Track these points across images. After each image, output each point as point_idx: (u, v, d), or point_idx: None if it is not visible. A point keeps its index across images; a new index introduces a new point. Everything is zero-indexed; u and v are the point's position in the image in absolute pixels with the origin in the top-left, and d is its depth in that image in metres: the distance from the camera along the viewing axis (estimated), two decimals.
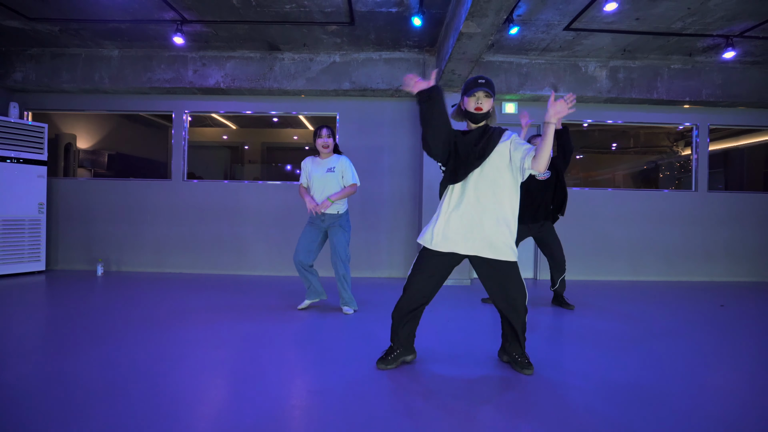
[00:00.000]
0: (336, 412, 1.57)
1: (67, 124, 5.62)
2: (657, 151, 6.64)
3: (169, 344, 2.35)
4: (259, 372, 1.97)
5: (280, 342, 2.44)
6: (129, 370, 1.96)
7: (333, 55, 4.76)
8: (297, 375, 1.96)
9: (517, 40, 4.36)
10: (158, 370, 1.97)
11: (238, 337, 2.51)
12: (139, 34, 4.38)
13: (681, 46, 4.46)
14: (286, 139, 7.02)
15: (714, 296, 4.14)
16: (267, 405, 1.62)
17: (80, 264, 5.04)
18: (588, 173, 7.19)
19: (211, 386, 1.81)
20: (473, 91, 1.93)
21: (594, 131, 6.64)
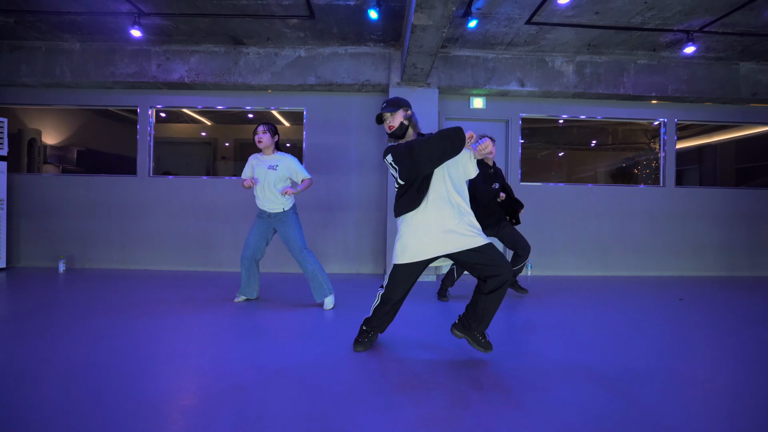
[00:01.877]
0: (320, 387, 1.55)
1: (32, 119, 5.53)
2: (635, 148, 6.67)
3: (124, 335, 2.30)
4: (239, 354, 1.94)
5: (245, 330, 2.41)
6: (66, 362, 1.92)
7: (298, 49, 4.72)
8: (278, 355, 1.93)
9: (482, 34, 4.35)
10: (109, 361, 1.93)
11: (205, 326, 2.47)
12: (99, 27, 4.31)
13: (645, 41, 4.47)
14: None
15: (677, 290, 4.16)
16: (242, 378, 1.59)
17: (43, 261, 4.95)
18: (569, 170, 7.22)
19: (181, 371, 1.77)
20: (381, 118, 2.09)
21: (572, 128, 6.66)
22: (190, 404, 1.56)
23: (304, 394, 1.66)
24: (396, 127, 2.05)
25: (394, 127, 2.05)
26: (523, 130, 5.24)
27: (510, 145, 5.09)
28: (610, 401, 1.64)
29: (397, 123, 2.05)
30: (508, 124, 5.13)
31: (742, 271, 5.21)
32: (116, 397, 1.60)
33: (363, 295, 3.66)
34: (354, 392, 1.68)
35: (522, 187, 5.06)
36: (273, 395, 1.65)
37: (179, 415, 1.47)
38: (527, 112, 5.12)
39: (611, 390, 1.75)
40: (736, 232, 5.22)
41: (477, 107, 5.05)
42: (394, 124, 2.05)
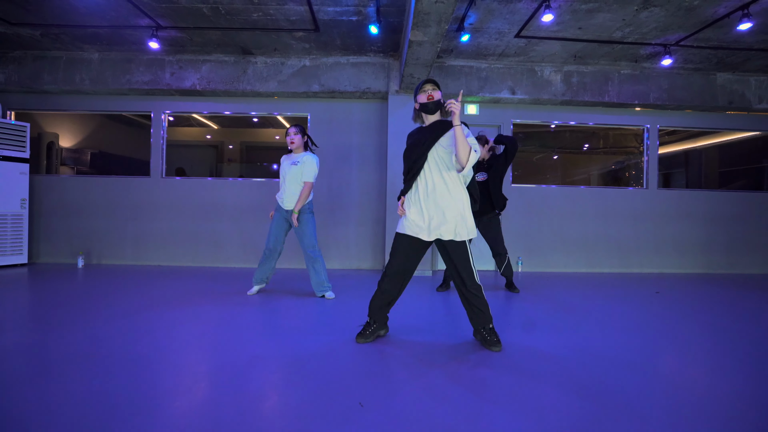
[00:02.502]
0: (330, 372, 1.85)
1: (50, 124, 5.83)
2: (625, 152, 7.00)
3: (147, 323, 2.61)
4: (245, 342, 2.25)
5: (257, 321, 2.72)
6: (107, 346, 2.22)
7: (303, 59, 5.04)
8: (286, 343, 2.24)
9: (474, 46, 4.67)
10: (137, 347, 2.23)
11: (218, 316, 2.78)
12: (118, 38, 4.63)
13: (626, 53, 4.80)
14: (265, 138, 7.27)
15: (655, 285, 4.48)
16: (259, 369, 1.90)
17: (62, 257, 5.26)
18: (562, 173, 7.54)
19: (196, 354, 2.08)
20: (422, 86, 2.20)
21: (565, 132, 6.98)
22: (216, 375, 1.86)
23: (307, 375, 1.97)
24: (435, 100, 2.18)
25: (434, 98, 2.17)
26: (518, 134, 5.55)
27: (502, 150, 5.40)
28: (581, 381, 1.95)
29: (437, 98, 2.19)
30: (500, 130, 5.44)
31: (720, 269, 5.53)
32: (132, 384, 1.90)
33: (364, 288, 3.97)
34: (356, 371, 1.99)
35: (513, 189, 5.38)
36: (275, 379, 1.95)
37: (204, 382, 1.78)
38: (518, 118, 5.45)
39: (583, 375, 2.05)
40: (714, 233, 5.54)
41: (471, 113, 5.37)
42: (435, 96, 2.18)
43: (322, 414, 1.48)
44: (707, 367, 2.05)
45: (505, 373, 1.90)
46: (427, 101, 2.17)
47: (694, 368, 2.02)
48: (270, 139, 7.32)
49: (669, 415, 1.53)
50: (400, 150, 4.98)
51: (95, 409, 1.48)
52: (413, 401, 1.59)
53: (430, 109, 2.19)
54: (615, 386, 1.77)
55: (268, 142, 7.39)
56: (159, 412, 1.47)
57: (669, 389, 1.76)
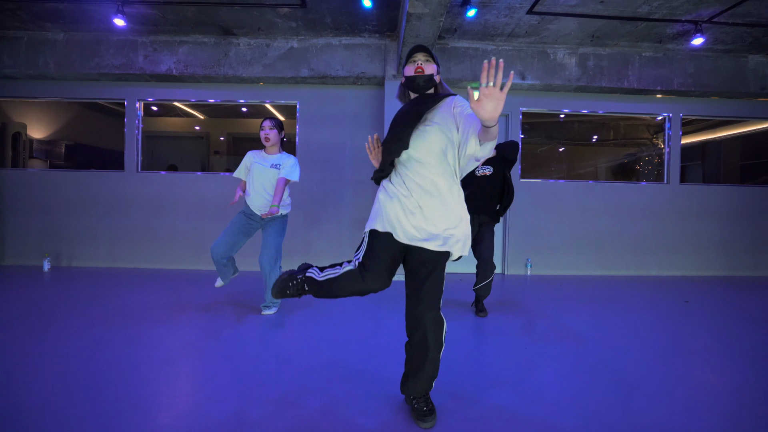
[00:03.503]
0: None
1: (17, 113, 5.36)
2: (637, 144, 6.52)
3: (103, 340, 2.18)
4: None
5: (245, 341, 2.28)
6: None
7: (291, 40, 4.55)
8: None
9: (481, 24, 4.17)
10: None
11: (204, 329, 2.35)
12: (83, 15, 4.14)
13: (650, 33, 4.30)
14: (254, 129, 6.79)
15: (681, 292, 4.04)
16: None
17: (30, 259, 4.82)
18: (570, 166, 7.08)
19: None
20: (412, 55, 1.63)
21: (573, 123, 6.51)
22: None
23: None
24: (426, 74, 1.58)
25: (424, 72, 1.57)
26: (523, 125, 5.08)
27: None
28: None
29: (429, 72, 1.58)
30: (507, 119, 4.97)
31: (743, 270, 5.09)
32: (94, 400, 1.48)
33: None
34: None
35: (522, 184, 4.92)
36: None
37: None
38: (528, 106, 4.96)
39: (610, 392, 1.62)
40: (737, 231, 5.08)
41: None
42: (427, 70, 1.58)
43: None
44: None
45: None
46: (416, 74, 1.57)
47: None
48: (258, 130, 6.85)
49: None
50: None
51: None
52: None
53: (418, 86, 1.59)
54: None
55: (258, 132, 6.93)
56: None
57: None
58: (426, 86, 1.59)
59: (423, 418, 1.52)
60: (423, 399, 1.57)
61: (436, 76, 1.60)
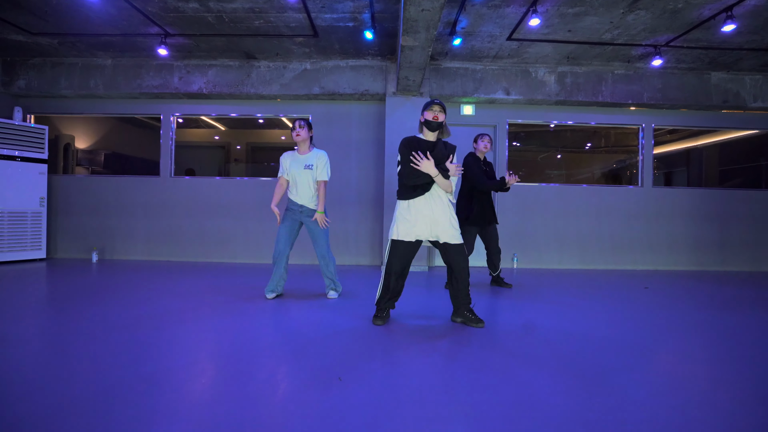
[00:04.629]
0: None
1: (67, 126, 6.15)
2: (626, 151, 7.07)
3: (154, 316, 2.84)
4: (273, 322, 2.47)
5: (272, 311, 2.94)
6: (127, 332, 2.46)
7: (304, 63, 5.25)
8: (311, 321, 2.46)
9: (468, 48, 4.82)
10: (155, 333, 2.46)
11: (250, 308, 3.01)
12: (129, 45, 4.90)
13: (618, 54, 4.90)
14: (270, 139, 7.51)
15: (646, 281, 4.58)
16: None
17: (77, 252, 5.56)
18: (563, 173, 7.63)
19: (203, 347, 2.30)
20: (430, 106, 2.55)
21: (566, 131, 7.08)
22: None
23: (319, 352, 2.17)
24: (439, 121, 2.53)
25: (438, 120, 2.53)
26: (518, 133, 5.69)
27: (498, 149, 5.55)
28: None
29: (442, 119, 2.55)
30: (496, 129, 5.59)
31: (712, 266, 5.59)
32: (139, 370, 2.12)
33: (366, 284, 4.16)
34: (361, 349, 2.18)
35: (511, 188, 5.51)
36: (294, 353, 2.16)
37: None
38: (513, 118, 5.58)
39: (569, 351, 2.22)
40: (708, 230, 5.60)
41: (467, 114, 5.52)
42: (440, 118, 2.54)
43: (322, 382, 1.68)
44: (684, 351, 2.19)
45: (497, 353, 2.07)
46: (433, 120, 2.53)
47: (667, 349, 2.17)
48: (275, 140, 7.56)
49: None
50: (395, 150, 5.17)
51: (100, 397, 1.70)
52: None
53: (432, 127, 2.56)
54: (594, 363, 1.93)
55: (273, 142, 7.64)
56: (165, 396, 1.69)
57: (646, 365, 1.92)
58: (437, 128, 2.57)
59: (477, 321, 2.57)
60: (471, 313, 2.61)
61: (444, 122, 2.58)
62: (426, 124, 2.55)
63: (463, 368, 1.87)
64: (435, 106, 2.52)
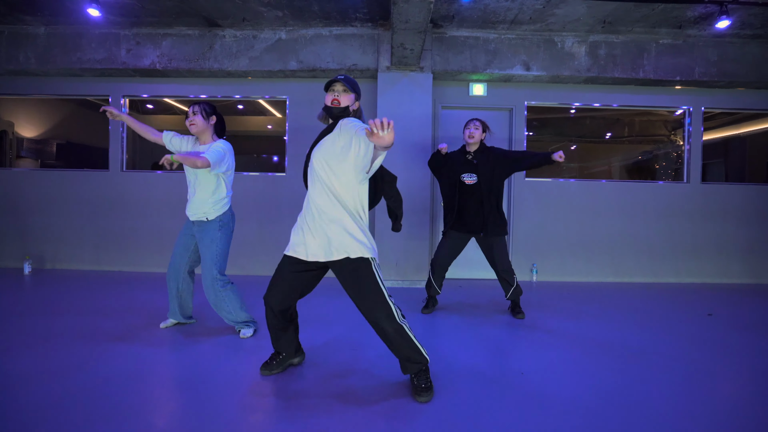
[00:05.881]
0: None
1: (5, 111, 5.23)
2: (653, 141, 6.09)
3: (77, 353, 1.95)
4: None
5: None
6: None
7: (278, 31, 4.29)
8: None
9: (481, 10, 3.85)
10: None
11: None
12: (61, 8, 3.95)
13: (668, 17, 3.91)
14: (251, 126, 6.58)
15: (703, 304, 3.65)
16: None
17: (12, 261, 4.68)
18: (581, 164, 6.66)
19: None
20: (331, 84, 1.78)
21: (585, 119, 6.10)
22: None
23: None
24: (340, 107, 1.75)
25: (339, 104, 1.75)
26: (531, 120, 4.74)
27: (514, 137, 4.60)
28: None
29: (345, 104, 1.76)
30: (512, 113, 4.62)
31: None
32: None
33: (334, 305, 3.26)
34: None
35: (526, 183, 4.59)
36: None
37: None
38: (533, 99, 4.61)
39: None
40: (764, 234, 4.64)
41: (477, 94, 4.56)
42: (342, 101, 1.75)
43: None
44: None
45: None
46: (332, 105, 1.76)
47: None
48: (259, 128, 6.62)
49: None
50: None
51: None
52: None
53: (333, 114, 1.78)
54: None
55: (255, 130, 6.69)
56: None
57: None
58: (339, 116, 1.77)
59: (419, 393, 1.71)
60: (421, 376, 1.76)
61: (351, 107, 1.79)
62: (327, 111, 1.80)
63: None
64: (336, 84, 1.77)
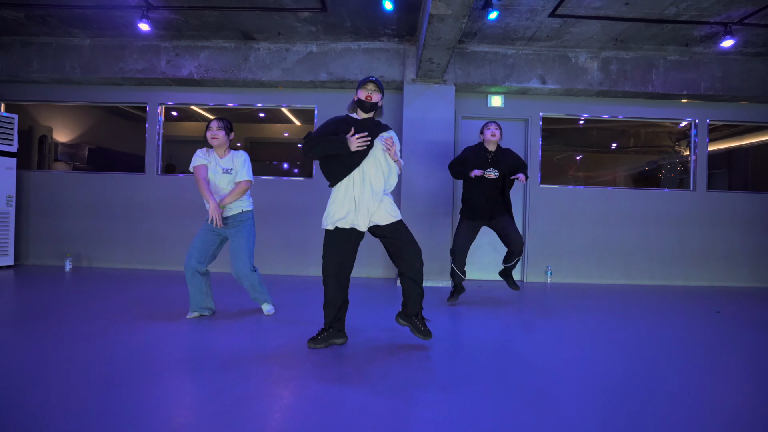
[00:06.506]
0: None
1: (44, 116, 5.50)
2: (658, 151, 6.35)
3: (123, 340, 2.16)
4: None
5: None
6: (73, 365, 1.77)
7: (310, 44, 4.57)
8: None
9: (501, 28, 4.13)
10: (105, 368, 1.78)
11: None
12: (108, 21, 4.24)
13: (677, 35, 4.19)
14: (271, 134, 6.86)
15: (712, 302, 3.86)
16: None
17: (51, 259, 4.90)
18: (587, 174, 6.90)
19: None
20: (364, 83, 2.20)
21: (592, 130, 6.36)
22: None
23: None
24: (372, 101, 2.19)
25: (372, 99, 2.18)
26: (542, 131, 4.99)
27: (530, 146, 4.85)
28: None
29: (375, 100, 2.20)
30: (527, 124, 4.89)
31: None
32: (104, 400, 1.44)
33: (378, 298, 3.48)
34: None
35: (541, 190, 4.82)
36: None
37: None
38: (548, 111, 4.88)
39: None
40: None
41: (495, 105, 4.83)
42: (374, 98, 2.19)
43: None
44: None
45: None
46: (365, 100, 2.19)
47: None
48: (277, 135, 6.89)
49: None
50: (416, 145, 4.49)
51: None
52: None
53: (365, 108, 2.22)
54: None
55: (274, 137, 6.97)
56: None
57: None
58: (370, 109, 2.23)
59: (423, 333, 2.17)
60: (420, 318, 2.21)
61: (380, 104, 2.25)
62: (360, 105, 2.21)
63: None
64: (369, 84, 2.20)
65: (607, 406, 1.62)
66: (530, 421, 1.46)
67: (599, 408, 1.60)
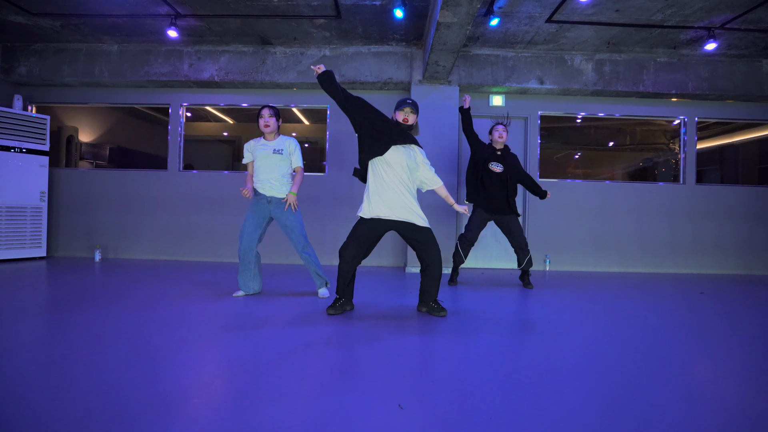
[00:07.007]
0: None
1: (70, 118, 5.83)
2: (653, 149, 6.66)
3: (159, 316, 2.48)
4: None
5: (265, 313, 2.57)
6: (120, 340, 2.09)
7: (323, 48, 4.90)
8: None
9: (502, 33, 4.45)
10: (152, 339, 2.09)
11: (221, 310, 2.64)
12: (137, 28, 4.56)
13: (665, 39, 4.51)
14: (283, 133, 7.15)
15: (698, 286, 4.18)
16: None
17: (80, 251, 5.22)
18: (586, 171, 7.21)
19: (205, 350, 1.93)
20: (402, 107, 2.51)
21: (589, 128, 6.68)
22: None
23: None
24: (410, 124, 2.52)
25: (408, 122, 2.51)
26: (542, 130, 5.31)
27: (529, 144, 5.17)
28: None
29: (411, 122, 2.53)
30: (526, 122, 5.21)
31: (762, 270, 5.16)
32: (130, 384, 1.75)
33: (388, 285, 3.78)
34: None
35: (540, 183, 5.13)
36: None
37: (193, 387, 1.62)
38: (546, 109, 5.20)
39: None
40: (756, 231, 5.18)
41: (496, 105, 5.15)
42: (411, 122, 2.52)
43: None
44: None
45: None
46: (403, 123, 2.51)
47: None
48: (287, 134, 7.19)
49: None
50: (422, 142, 4.78)
51: (106, 401, 1.33)
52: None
53: (402, 129, 2.51)
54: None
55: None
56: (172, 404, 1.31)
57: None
58: (408, 129, 2.53)
59: (440, 311, 2.54)
60: (435, 302, 2.58)
61: (415, 124, 2.56)
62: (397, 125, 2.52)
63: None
64: (407, 108, 2.49)
65: (592, 342, 1.94)
66: (533, 350, 1.77)
67: (590, 346, 1.92)
